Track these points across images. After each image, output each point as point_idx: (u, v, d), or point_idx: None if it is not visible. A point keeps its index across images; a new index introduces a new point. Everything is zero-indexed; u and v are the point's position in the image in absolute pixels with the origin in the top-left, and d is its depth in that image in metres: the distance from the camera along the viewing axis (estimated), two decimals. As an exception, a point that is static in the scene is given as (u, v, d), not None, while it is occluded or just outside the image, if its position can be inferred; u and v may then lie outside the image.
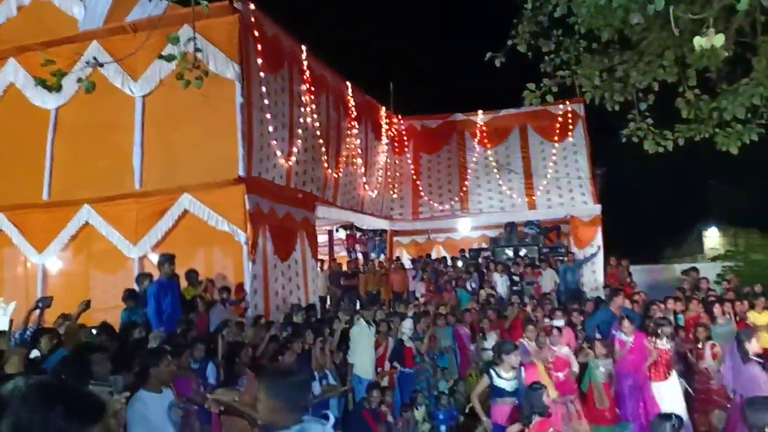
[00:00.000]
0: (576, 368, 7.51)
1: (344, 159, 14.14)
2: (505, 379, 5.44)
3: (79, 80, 4.88)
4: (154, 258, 9.37)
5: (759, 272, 17.12)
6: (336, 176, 13.55)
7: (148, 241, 9.93)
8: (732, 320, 9.62)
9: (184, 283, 8.72)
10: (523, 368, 6.00)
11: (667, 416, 4.00)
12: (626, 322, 8.09)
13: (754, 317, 9.68)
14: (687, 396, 7.83)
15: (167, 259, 7.92)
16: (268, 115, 10.67)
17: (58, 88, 4.19)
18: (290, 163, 11.47)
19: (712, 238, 24.96)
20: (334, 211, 13.59)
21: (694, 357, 8.17)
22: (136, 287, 8.27)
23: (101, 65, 4.86)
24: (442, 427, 8.35)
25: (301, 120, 11.92)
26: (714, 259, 21.24)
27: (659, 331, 7.81)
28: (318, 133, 12.59)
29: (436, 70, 28.34)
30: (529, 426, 4.77)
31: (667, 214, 23.06)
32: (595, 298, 11.97)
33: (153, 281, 8.01)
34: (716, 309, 9.72)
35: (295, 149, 11.66)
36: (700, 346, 8.02)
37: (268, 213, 10.21)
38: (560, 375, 7.26)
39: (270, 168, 10.76)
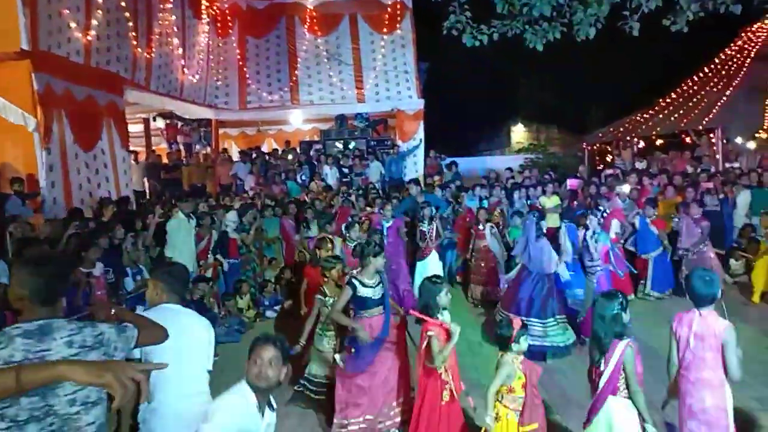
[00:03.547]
0: None
1: (157, 37, 12.64)
2: (369, 286, 4.64)
3: None
4: None
5: (555, 162, 19.61)
6: (148, 56, 12.12)
7: None
8: (526, 204, 10.93)
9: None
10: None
11: (614, 294, 3.67)
12: (386, 208, 8.69)
13: (544, 201, 11.08)
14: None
15: (-70, 147, 6.62)
16: (55, -23, 9.00)
17: None
18: (89, 37, 9.95)
19: (518, 132, 27.68)
20: (148, 97, 12.32)
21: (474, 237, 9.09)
22: None
23: None
24: (268, 312, 8.56)
25: (100, -13, 10.27)
26: (519, 151, 23.76)
27: (422, 215, 8.56)
28: (123, 4, 10.99)
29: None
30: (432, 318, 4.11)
31: (482, 110, 24.76)
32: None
33: None
34: (515, 194, 10.98)
35: (94, 21, 10.09)
36: (481, 227, 8.94)
37: (63, 95, 8.91)
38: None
39: (63, 42, 9.23)
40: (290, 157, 15.59)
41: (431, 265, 8.46)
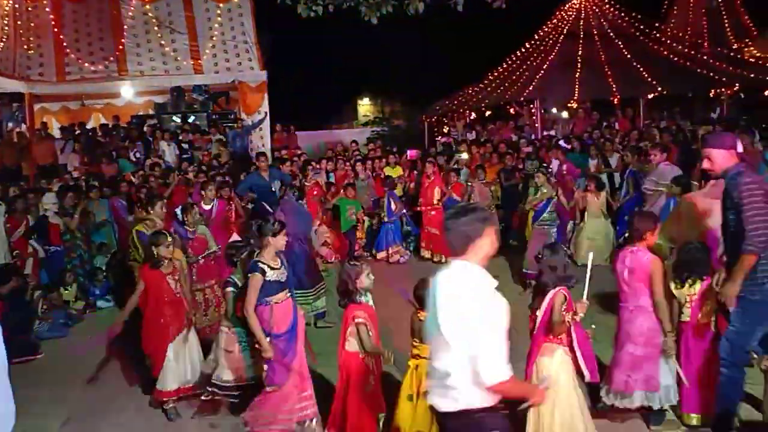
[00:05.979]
0: (214, 248, 6.67)
1: (-57, -3, 10.86)
2: (274, 268, 4.24)
3: None
4: None
5: (398, 134, 20.40)
6: (-67, 20, 10.39)
7: None
8: (371, 175, 11.28)
9: None
10: None
11: (559, 246, 4.14)
12: (208, 188, 7.79)
13: (389, 171, 11.54)
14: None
15: None
16: None
17: None
18: None
19: (365, 106, 28.34)
20: (-63, 67, 10.60)
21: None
22: None
23: None
24: (99, 302, 7.97)
25: None
26: (365, 124, 24.37)
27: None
28: None
29: None
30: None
31: (329, 83, 24.88)
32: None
33: None
34: (358, 166, 11.27)
35: None
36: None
37: None
38: (200, 259, 6.51)
39: None
40: (121, 133, 14.39)
41: None
